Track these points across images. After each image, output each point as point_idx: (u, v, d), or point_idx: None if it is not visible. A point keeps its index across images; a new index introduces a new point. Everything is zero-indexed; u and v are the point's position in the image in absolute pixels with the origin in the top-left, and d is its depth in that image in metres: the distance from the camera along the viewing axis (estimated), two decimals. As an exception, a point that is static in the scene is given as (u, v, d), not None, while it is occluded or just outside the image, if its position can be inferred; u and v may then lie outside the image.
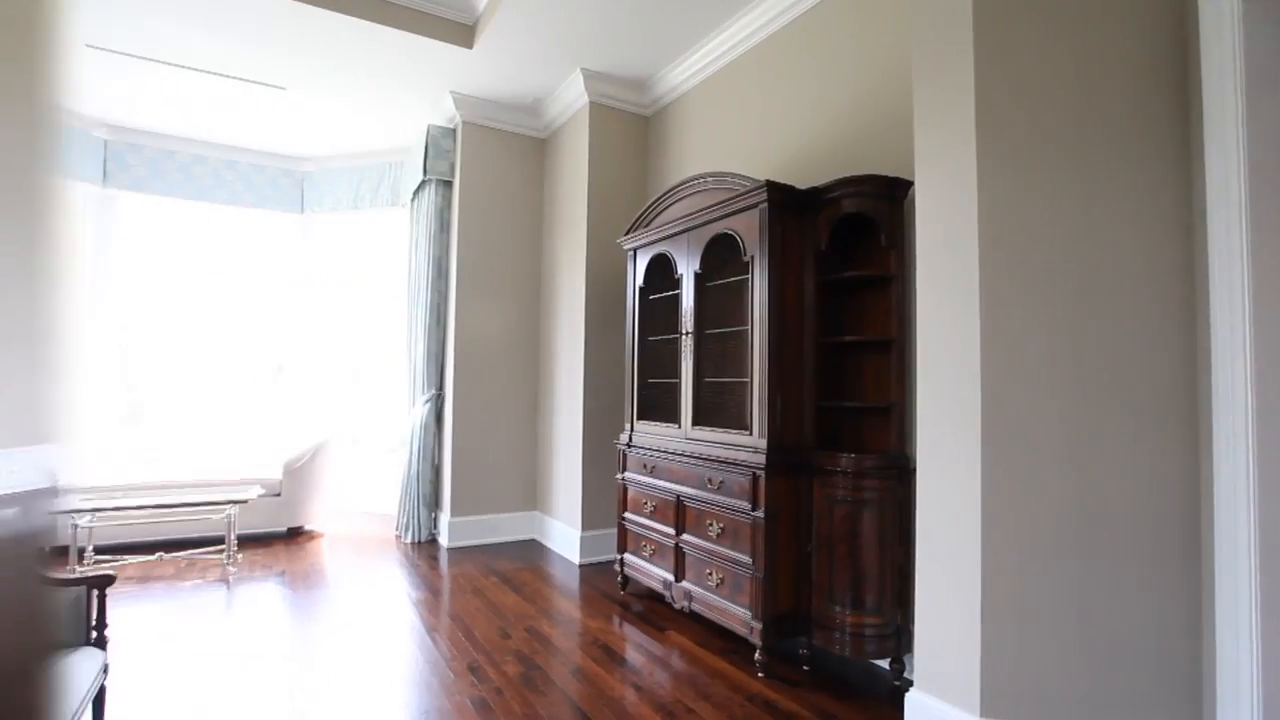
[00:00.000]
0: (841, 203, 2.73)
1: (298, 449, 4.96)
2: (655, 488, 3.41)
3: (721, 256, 3.17)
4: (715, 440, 3.02)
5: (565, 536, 4.47)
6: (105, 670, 1.93)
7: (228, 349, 5.81)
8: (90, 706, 1.86)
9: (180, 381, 5.63)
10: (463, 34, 3.97)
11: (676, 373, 3.40)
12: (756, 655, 2.69)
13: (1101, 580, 1.99)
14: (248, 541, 4.68)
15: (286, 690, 2.54)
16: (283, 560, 4.32)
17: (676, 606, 3.21)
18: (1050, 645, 1.99)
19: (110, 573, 2.01)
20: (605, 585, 3.85)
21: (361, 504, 5.78)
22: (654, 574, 3.38)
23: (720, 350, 3.31)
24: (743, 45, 3.71)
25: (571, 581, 3.94)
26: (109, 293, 5.31)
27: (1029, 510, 2.03)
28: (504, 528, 4.83)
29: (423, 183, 4.92)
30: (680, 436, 3.27)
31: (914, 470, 2.51)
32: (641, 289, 3.68)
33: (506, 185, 4.92)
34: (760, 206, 2.79)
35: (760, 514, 2.69)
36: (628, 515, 3.66)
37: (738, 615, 2.79)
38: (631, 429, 3.70)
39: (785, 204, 2.79)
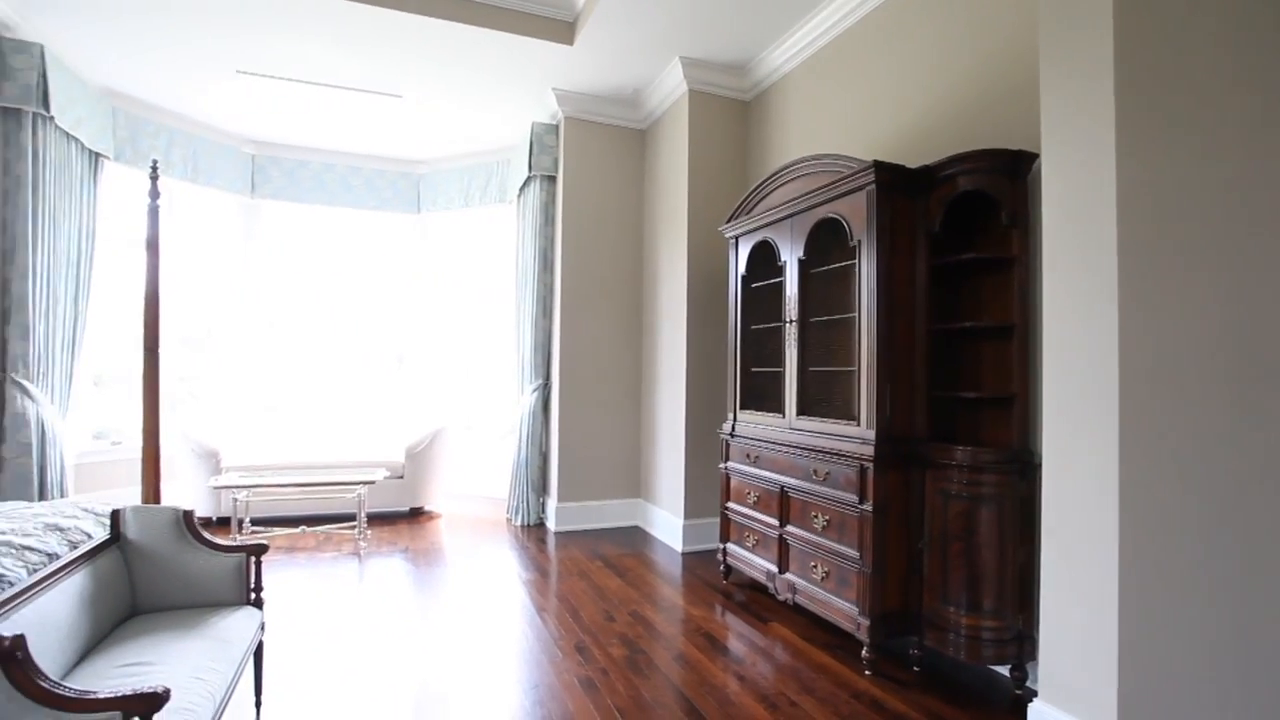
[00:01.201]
0: (957, 180, 2.57)
1: (418, 435, 5.32)
2: (758, 478, 3.37)
3: (826, 242, 3.07)
4: (821, 431, 2.95)
5: (668, 524, 4.52)
6: (262, 627, 2.16)
7: (354, 342, 6.30)
8: (251, 658, 2.09)
9: (314, 372, 6.17)
10: (563, 31, 4.05)
11: (780, 361, 3.33)
12: (863, 652, 2.61)
13: (1273, 599, 1.76)
14: (375, 519, 5.08)
15: (411, 654, 2.74)
16: (405, 538, 4.66)
17: (780, 598, 3.17)
18: (1202, 668, 1.79)
19: (264, 542, 2.25)
20: (707, 574, 3.86)
21: (475, 487, 6.10)
22: (757, 565, 3.36)
23: (826, 338, 3.21)
24: (848, 20, 3.55)
25: (674, 569, 3.98)
26: (258, 292, 5.89)
27: (1177, 515, 1.83)
28: (608, 514, 4.95)
29: (528, 179, 5.09)
30: (784, 426, 3.21)
31: (1038, 465, 2.34)
32: (744, 277, 3.64)
33: (608, 178, 5.00)
34: (867, 188, 2.67)
35: (868, 507, 2.60)
36: (730, 505, 3.64)
37: (844, 610, 2.72)
38: (734, 418, 3.67)
39: (894, 184, 2.66)
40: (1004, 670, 2.54)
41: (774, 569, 3.20)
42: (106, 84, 4.58)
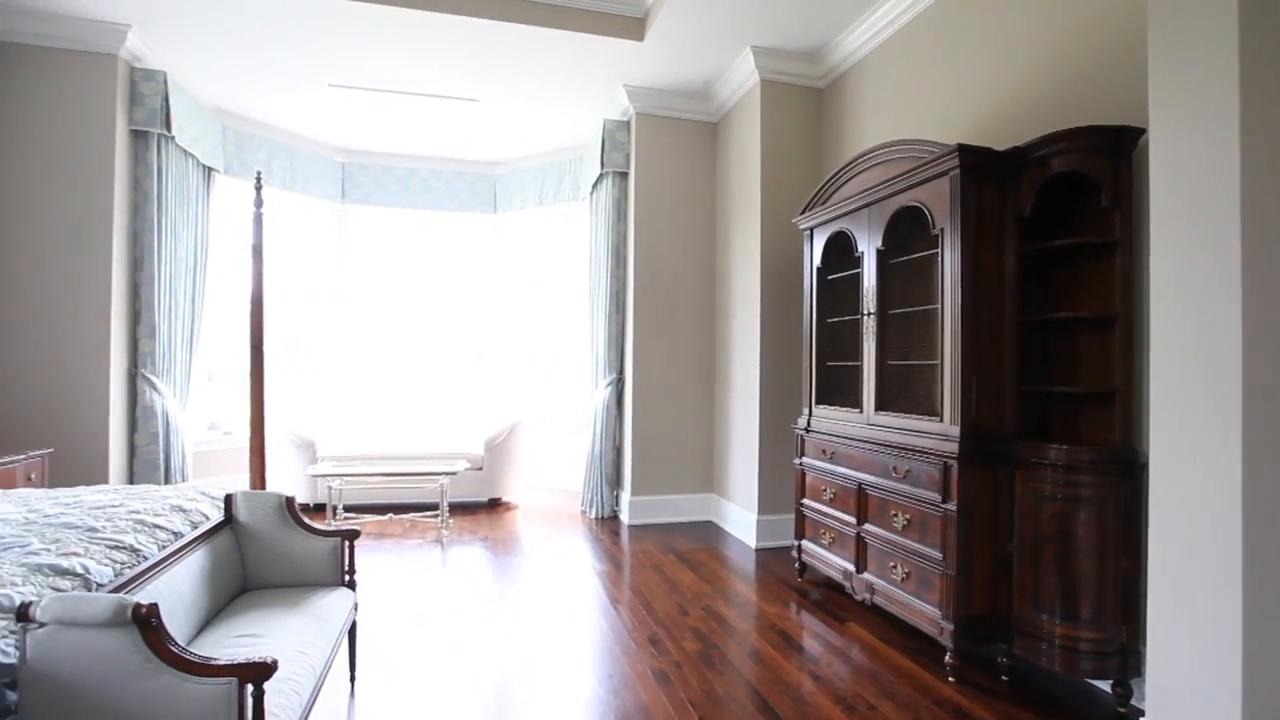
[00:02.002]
0: (1050, 161, 2.42)
1: (496, 428, 5.50)
2: (835, 474, 3.30)
3: (906, 231, 2.96)
4: (900, 426, 2.85)
5: (741, 520, 4.49)
6: (355, 608, 2.31)
7: (436, 338, 6.57)
8: (346, 636, 2.23)
9: (400, 367, 6.48)
10: (634, 27, 4.08)
11: (858, 355, 3.25)
12: (946, 658, 2.52)
13: None
14: (456, 509, 5.29)
15: (490, 639, 2.85)
16: (485, 527, 4.83)
17: (857, 598, 3.09)
18: (1337, 684, 1.63)
19: (357, 528, 2.40)
20: (782, 571, 3.81)
21: (550, 480, 6.26)
22: (833, 563, 3.29)
23: (905, 331, 3.10)
24: (929, -2, 3.40)
25: (747, 565, 3.95)
26: (348, 292, 6.25)
27: (1306, 519, 1.66)
28: (681, 508, 4.97)
29: (600, 176, 5.15)
30: (862, 422, 3.13)
31: (1144, 466, 2.18)
32: (819, 269, 3.56)
33: (680, 172, 4.99)
34: (950, 174, 2.56)
35: (952, 507, 2.50)
36: (806, 501, 3.58)
37: (925, 613, 2.63)
38: (810, 413, 3.61)
39: (980, 168, 2.53)
40: (1105, 685, 2.39)
41: (851, 568, 3.13)
42: (216, 104, 4.96)
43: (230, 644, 1.75)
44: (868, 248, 3.11)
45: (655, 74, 4.54)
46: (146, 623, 1.26)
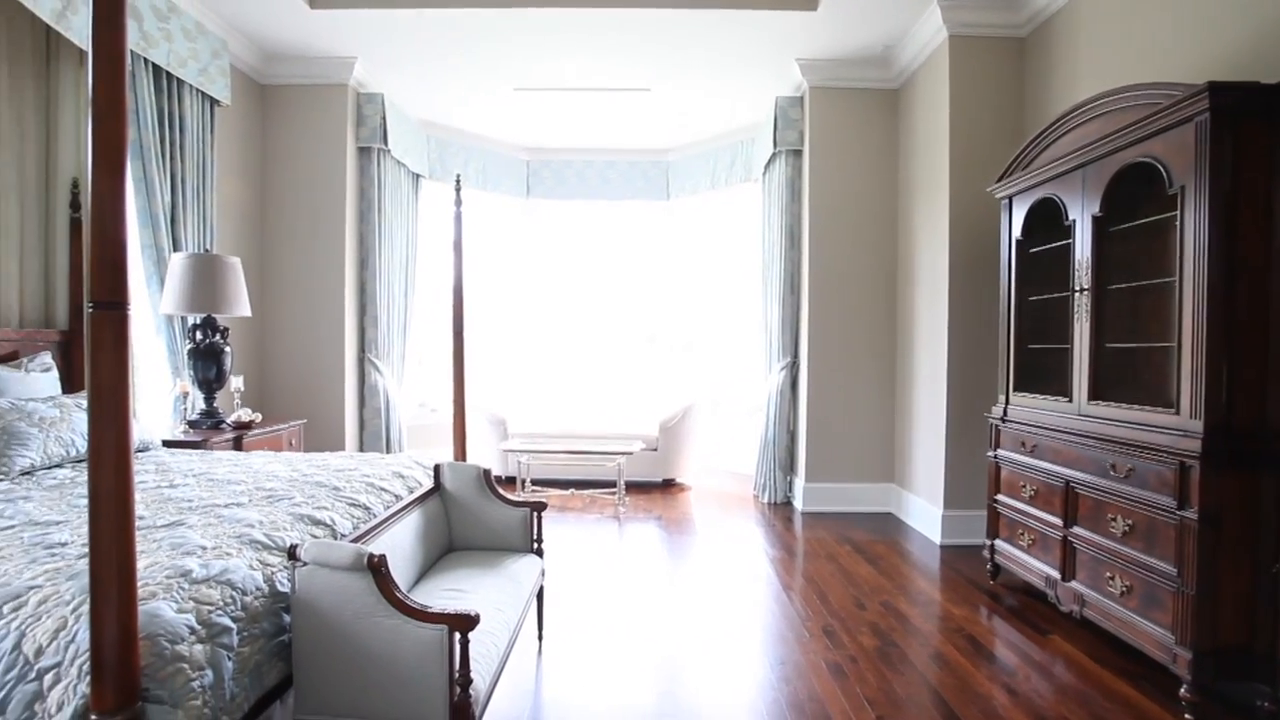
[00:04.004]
0: (1341, 95, 1.94)
1: (670, 410, 5.64)
2: (1036, 469, 2.97)
3: (1131, 193, 2.55)
4: (1121, 418, 2.48)
5: (925, 513, 4.20)
6: (543, 574, 2.51)
7: (612, 322, 6.87)
8: (534, 599, 2.44)
9: (580, 350, 6.87)
10: (807, -3, 3.91)
11: (1066, 337, 2.87)
12: (1182, 691, 2.16)
13: None
14: (631, 487, 5.52)
15: (664, 614, 2.96)
16: (659, 506, 5.00)
17: (1062, 609, 2.76)
18: None
19: (544, 500, 2.61)
20: (970, 571, 3.52)
21: (723, 463, 6.30)
22: (1033, 567, 2.97)
23: (1128, 308, 2.68)
24: (1169, -87, 2.87)
25: (931, 562, 3.70)
26: (533, 281, 6.74)
27: None
28: (858, 497, 4.76)
29: (773, 155, 5.04)
30: (1071, 412, 2.77)
31: None
32: (1019, 241, 3.19)
33: (857, 145, 4.73)
34: (1197, 119, 2.15)
35: (1192, 514, 2.14)
36: (1000, 498, 3.26)
37: (1151, 635, 2.28)
38: (1006, 401, 3.27)
39: (1238, 110, 2.10)
40: None
41: (1055, 574, 2.80)
42: (422, 116, 5.58)
43: (440, 595, 1.99)
44: (1080, 214, 2.73)
45: (829, 44, 4.32)
46: (378, 570, 1.48)
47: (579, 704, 2.24)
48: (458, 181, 2.94)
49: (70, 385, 3.08)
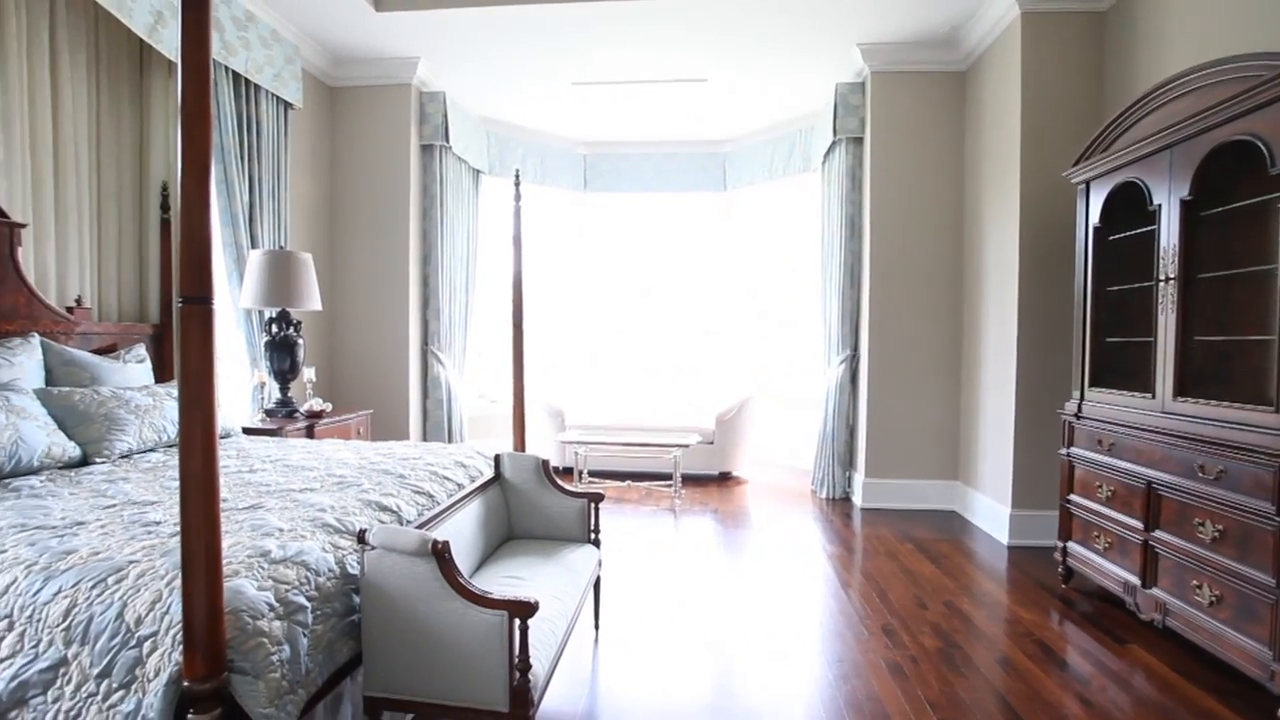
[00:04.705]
0: None
1: (727, 403, 5.61)
2: (1114, 469, 2.82)
3: (1226, 174, 2.38)
4: (1211, 416, 2.33)
5: (991, 513, 4.05)
6: (599, 564, 2.55)
7: (668, 314, 6.87)
8: (591, 589, 2.48)
9: (636, 343, 6.90)
10: (871, -21, 3.79)
11: (1149, 329, 2.71)
12: (1279, 712, 2.02)
13: None
14: (687, 480, 5.52)
15: (720, 607, 2.95)
16: (715, 499, 4.98)
17: (1142, 617, 2.62)
18: None
19: (602, 492, 2.64)
20: (1040, 574, 3.37)
21: (780, 457, 6.23)
22: (1109, 572, 2.82)
23: (1219, 299, 2.51)
24: None
25: (997, 563, 3.56)
26: (590, 273, 6.80)
27: None
28: (920, 494, 4.63)
29: (833, 144, 4.92)
30: (1154, 409, 2.61)
31: None
32: (1097, 228, 3.02)
33: (921, 131, 4.57)
34: (1300, 95, 1.99)
35: (1289, 520, 1.99)
36: (1074, 498, 3.11)
37: (1245, 649, 2.14)
38: (1081, 397, 3.11)
39: (1350, 84, 1.93)
40: None
41: (1134, 580, 2.66)
42: (482, 113, 5.69)
43: (500, 582, 2.04)
44: (1167, 198, 2.56)
45: (893, 27, 4.18)
46: (441, 556, 1.53)
47: (635, 694, 2.27)
48: (517, 177, 2.99)
49: (161, 375, 3.30)
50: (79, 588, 1.33)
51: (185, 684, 1.17)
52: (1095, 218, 3.02)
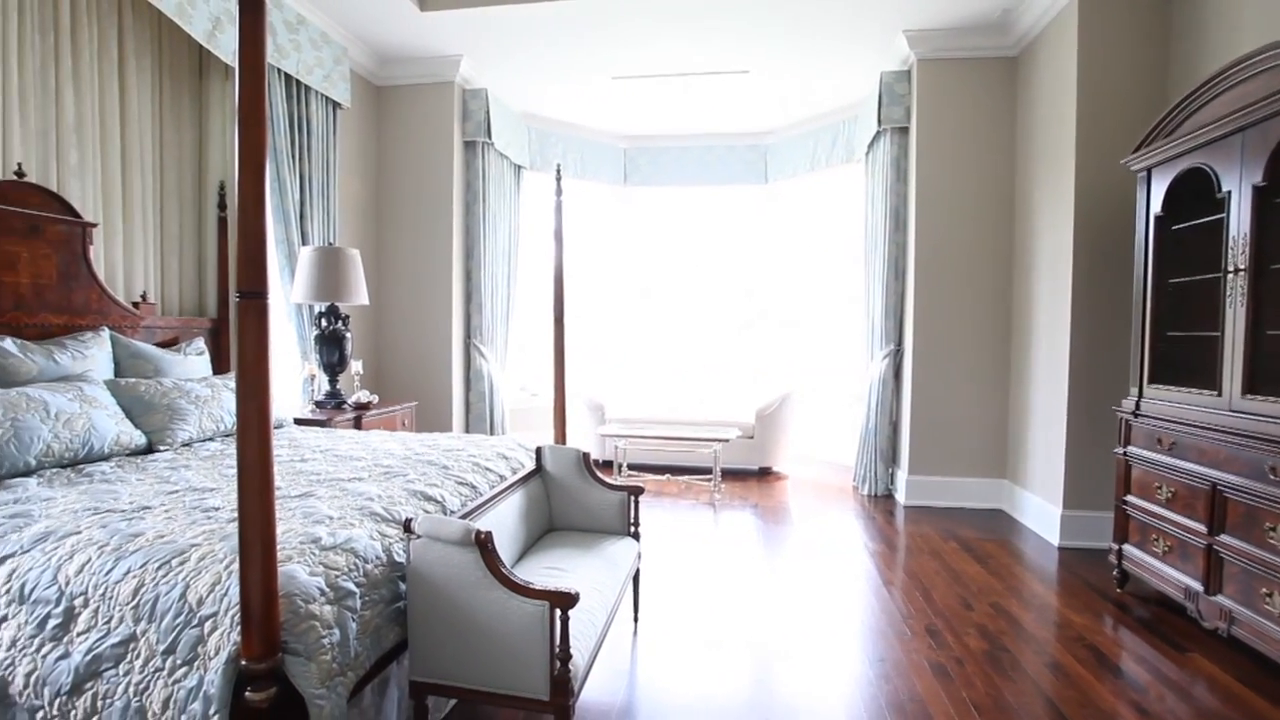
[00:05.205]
0: None
1: (767, 398, 5.56)
2: (1175, 469, 2.70)
3: (1303, 159, 2.25)
4: (1282, 416, 2.21)
5: (1041, 512, 3.92)
6: (639, 556, 2.56)
7: (708, 308, 6.83)
8: (630, 582, 2.50)
9: (676, 336, 6.89)
10: (918, -37, 3.69)
11: (1214, 323, 2.58)
12: (1353, 721, 1.92)
13: None
14: (727, 475, 5.49)
15: (759, 603, 2.94)
16: (755, 494, 4.95)
17: (1205, 625, 2.51)
18: None
19: (642, 485, 2.65)
20: (1093, 576, 3.25)
21: (821, 452, 6.15)
22: (1169, 577, 2.71)
23: (1296, 292, 2.37)
24: None
25: (1047, 564, 3.45)
26: (629, 267, 6.81)
27: None
28: (966, 492, 4.51)
29: (877, 134, 4.81)
30: (1220, 407, 2.49)
31: None
32: (1159, 217, 2.89)
33: (970, 119, 4.43)
34: (1387, 74, 1.86)
35: (1368, 526, 1.87)
36: (1131, 499, 2.99)
37: (1317, 658, 2.03)
38: (1139, 394, 2.99)
39: None
40: None
41: (1197, 586, 2.54)
42: (523, 109, 5.75)
43: (541, 573, 2.08)
44: (1238, 185, 2.43)
45: (940, 12, 4.06)
46: (484, 546, 1.56)
47: (674, 687, 2.27)
48: (558, 171, 3.01)
49: (218, 367, 3.44)
50: (146, 569, 1.40)
51: (243, 663, 1.22)
52: (1157, 206, 2.89)
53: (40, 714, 1.34)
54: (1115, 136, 3.52)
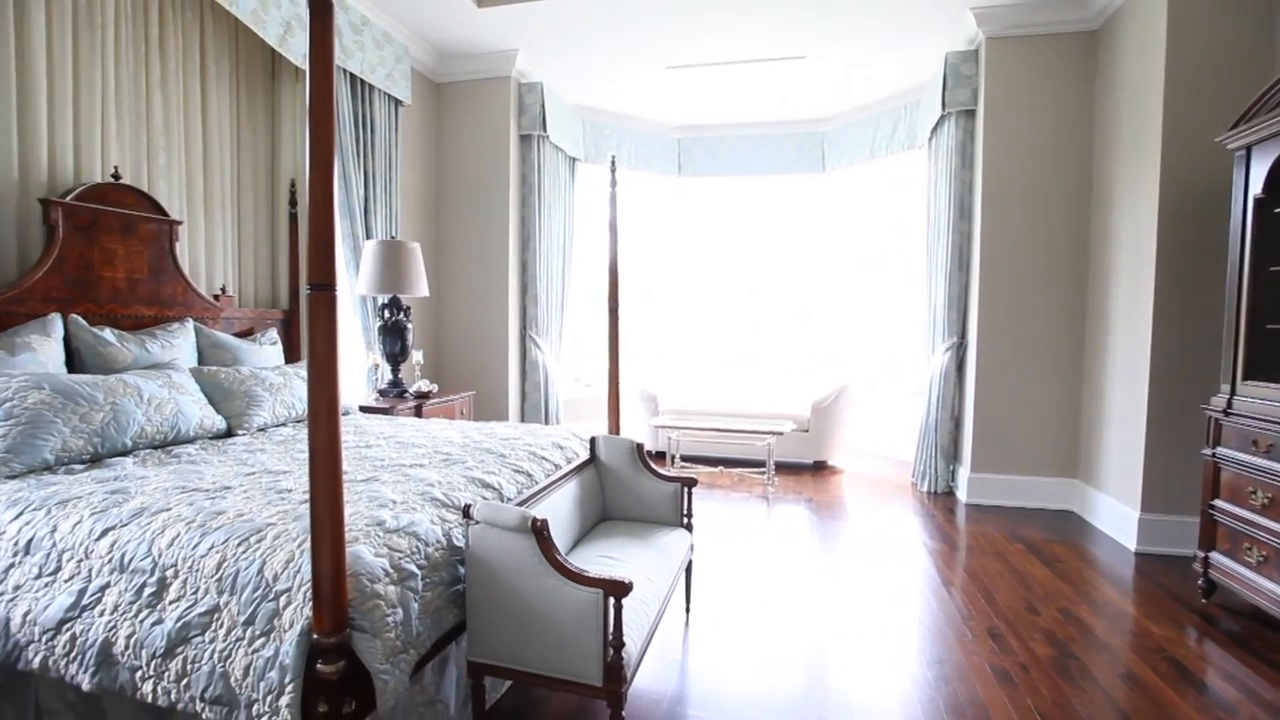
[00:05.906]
0: None
1: (823, 391, 5.46)
2: (1272, 472, 2.52)
3: None
4: (1395, 417, 2.03)
5: (1116, 515, 3.73)
6: (691, 548, 2.56)
7: (764, 300, 6.75)
8: (683, 573, 2.50)
9: (731, 328, 6.83)
10: (989, -63, 3.52)
11: (1317, 316, 2.39)
12: None
13: None
14: (781, 468, 5.43)
15: (813, 598, 2.90)
16: (809, 488, 4.87)
17: (1302, 638, 2.34)
18: None
19: (695, 477, 2.65)
20: (1174, 585, 3.07)
21: (878, 447, 6.00)
22: (1263, 588, 2.53)
23: None
24: None
25: (1123, 570, 3.28)
26: (684, 258, 6.78)
27: None
28: (1032, 491, 4.33)
29: (941, 118, 4.63)
30: (1320, 407, 2.31)
31: None
32: (1259, 200, 2.69)
33: (1042, 99, 4.21)
34: None
35: None
36: (1220, 504, 2.81)
37: None
38: (1232, 391, 2.79)
39: None
40: None
41: (1293, 597, 2.37)
42: (577, 101, 5.78)
43: (595, 561, 2.10)
44: (1348, 166, 2.23)
45: (1014, -14, 3.87)
46: (540, 533, 1.59)
47: (725, 678, 2.27)
48: (613, 163, 3.02)
49: (290, 356, 3.61)
50: (227, 544, 1.49)
51: (314, 636, 1.29)
52: (1257, 188, 2.68)
53: (139, 673, 1.44)
54: (1206, 113, 3.29)
